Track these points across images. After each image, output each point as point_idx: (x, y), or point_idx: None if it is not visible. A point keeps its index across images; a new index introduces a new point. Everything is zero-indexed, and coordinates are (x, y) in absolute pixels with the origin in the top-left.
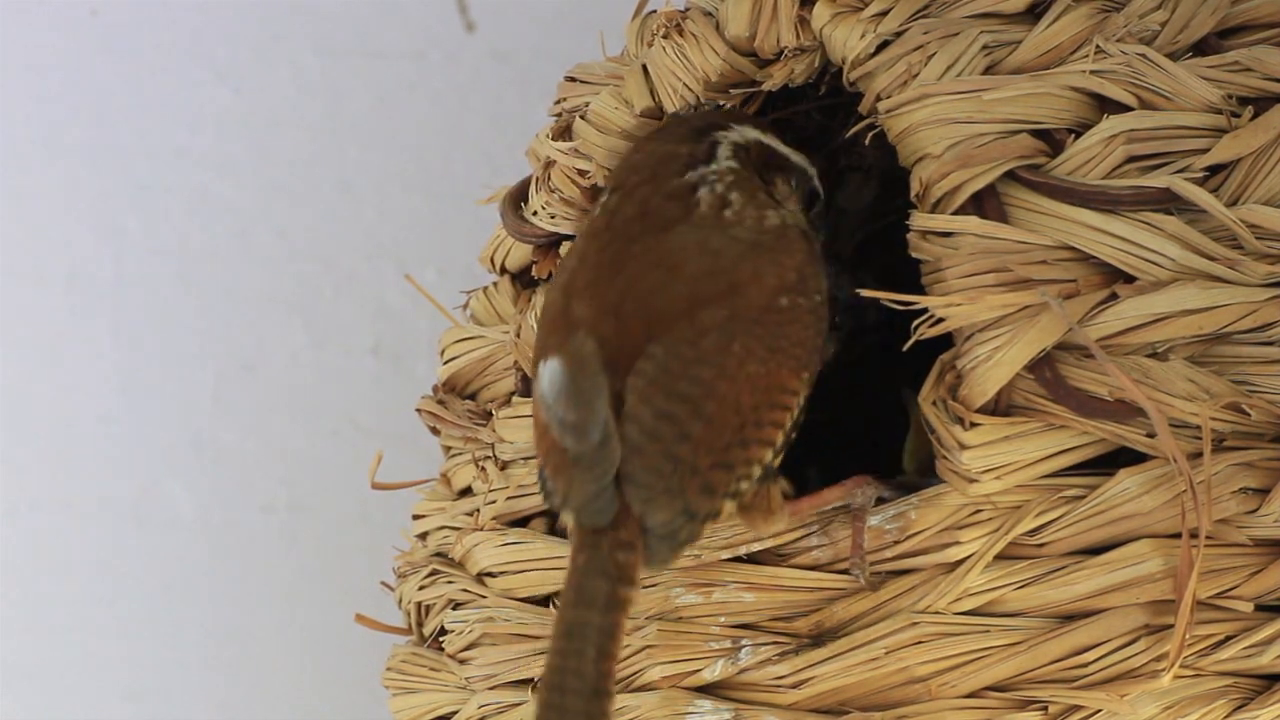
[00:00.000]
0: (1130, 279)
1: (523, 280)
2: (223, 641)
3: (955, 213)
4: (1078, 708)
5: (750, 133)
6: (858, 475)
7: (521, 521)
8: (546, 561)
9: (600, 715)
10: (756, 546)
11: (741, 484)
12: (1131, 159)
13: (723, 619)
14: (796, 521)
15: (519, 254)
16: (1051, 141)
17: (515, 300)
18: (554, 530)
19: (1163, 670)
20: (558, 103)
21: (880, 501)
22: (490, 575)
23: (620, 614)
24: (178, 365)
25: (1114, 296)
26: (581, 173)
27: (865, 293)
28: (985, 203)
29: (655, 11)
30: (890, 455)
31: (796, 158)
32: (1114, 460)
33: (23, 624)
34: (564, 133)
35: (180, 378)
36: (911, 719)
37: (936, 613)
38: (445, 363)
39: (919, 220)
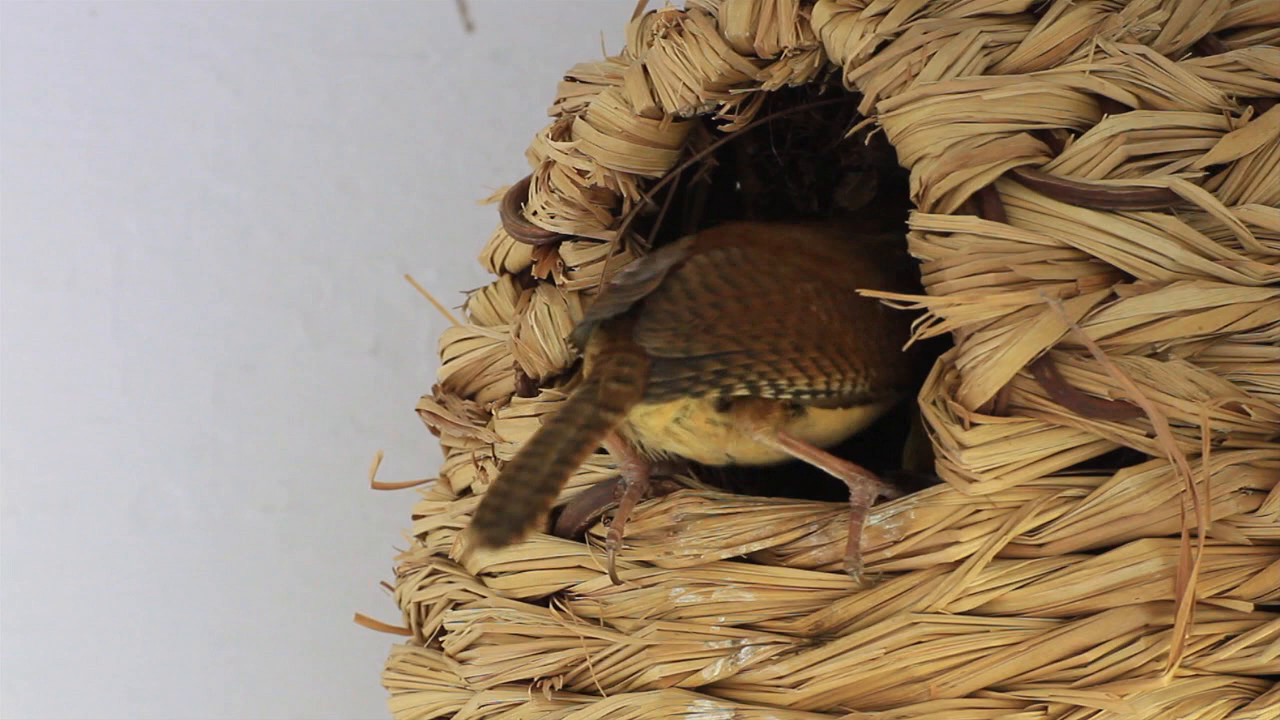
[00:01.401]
0: (1130, 279)
1: (523, 280)
2: (223, 641)
3: (955, 213)
4: (1077, 708)
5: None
6: (861, 468)
7: None
8: (546, 561)
9: (538, 505)
10: (756, 546)
11: (762, 381)
12: (1131, 159)
13: (723, 619)
14: (781, 448)
15: (519, 254)
16: (1051, 141)
17: (515, 300)
18: (554, 530)
19: (1162, 670)
20: (558, 103)
21: (880, 500)
22: (490, 575)
23: (595, 433)
24: (178, 365)
25: (1114, 296)
26: (581, 173)
27: (865, 293)
28: (985, 203)
29: (655, 11)
30: (890, 455)
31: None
32: (1114, 460)
33: (23, 624)
34: (564, 133)
35: (180, 378)
36: (911, 719)
37: (936, 613)
38: (445, 363)
39: (919, 220)
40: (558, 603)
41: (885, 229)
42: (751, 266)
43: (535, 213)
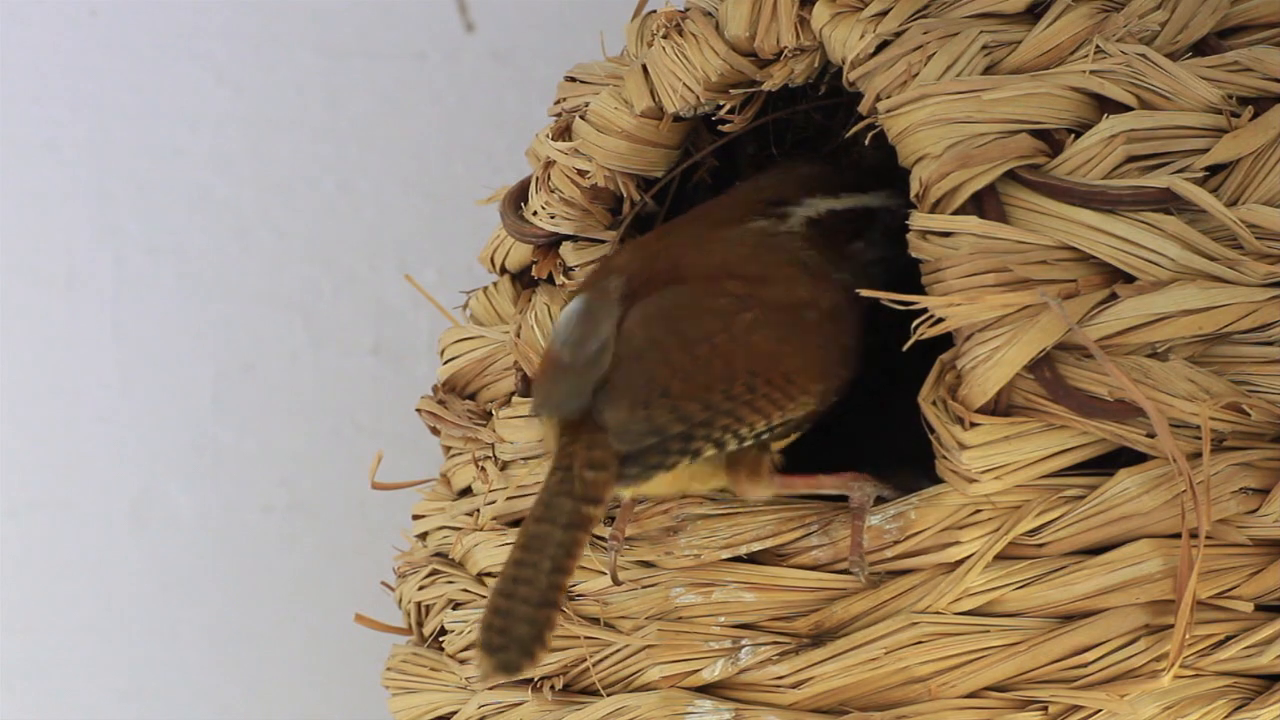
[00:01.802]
0: (1130, 279)
1: (523, 280)
2: (222, 641)
3: (955, 213)
4: (1077, 708)
5: (822, 204)
6: (852, 472)
7: (521, 521)
8: None
9: (544, 623)
10: (756, 546)
11: (725, 435)
12: (1131, 159)
13: (723, 619)
14: (785, 493)
15: (519, 254)
16: (1051, 141)
17: (515, 300)
18: None
19: (1163, 670)
20: (558, 103)
21: (880, 501)
22: (490, 575)
23: (581, 532)
24: (178, 365)
25: (1114, 296)
26: (581, 173)
27: (865, 293)
28: (985, 203)
29: (655, 11)
30: (889, 456)
31: (875, 199)
32: (1114, 460)
33: (23, 624)
34: (564, 133)
35: (180, 378)
36: (911, 719)
37: (936, 613)
38: (445, 363)
39: (919, 220)
40: (555, 629)
41: (777, 199)
42: (691, 307)
43: (535, 213)
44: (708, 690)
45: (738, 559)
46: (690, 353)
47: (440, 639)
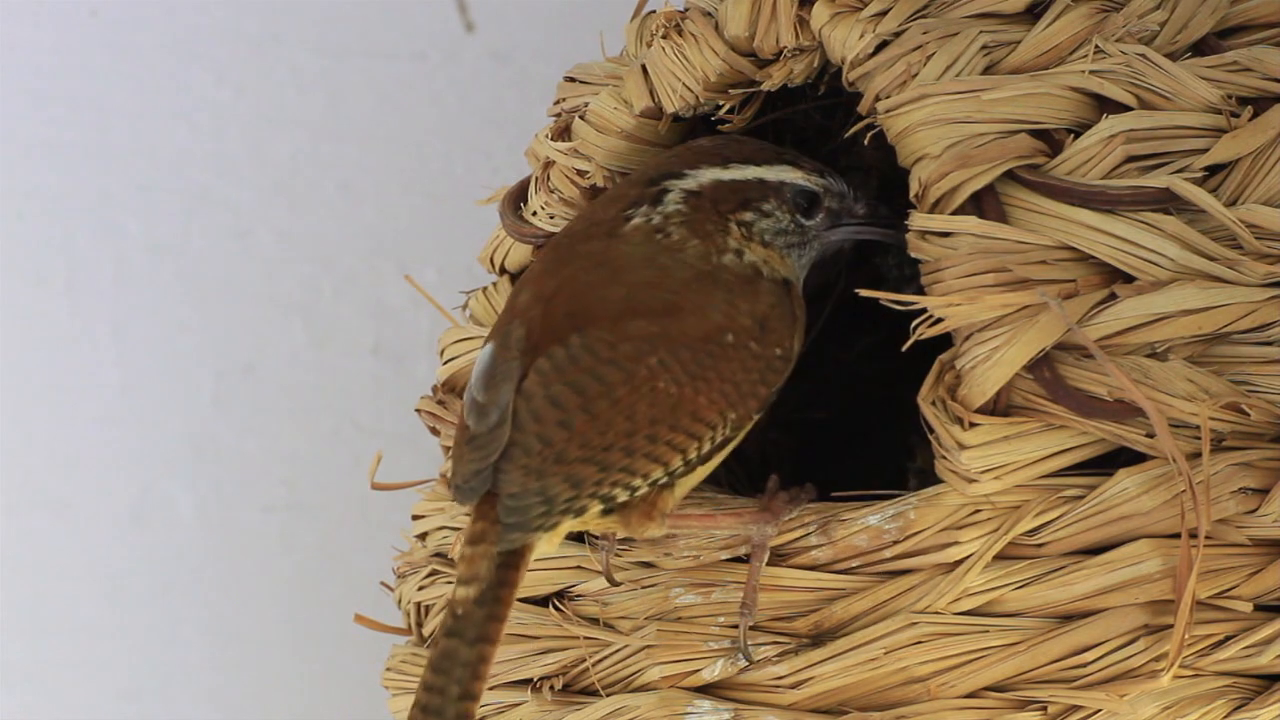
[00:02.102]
0: (1130, 279)
1: None
2: (222, 641)
3: (954, 213)
4: (1077, 708)
5: (707, 175)
6: (756, 508)
7: None
8: (546, 561)
9: None
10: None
11: (615, 490)
12: (1131, 159)
13: (723, 619)
14: (679, 531)
15: (519, 254)
16: (1051, 141)
17: None
18: None
19: (1162, 670)
20: (557, 103)
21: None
22: None
23: (487, 645)
24: (178, 365)
25: (1113, 296)
26: (581, 173)
27: (865, 293)
28: (984, 203)
29: (655, 12)
30: (889, 455)
31: (773, 172)
32: (1113, 460)
33: (23, 624)
34: (563, 133)
35: (180, 378)
36: (911, 719)
37: (936, 613)
38: (445, 363)
39: (918, 220)
40: (558, 603)
41: (657, 176)
42: (592, 358)
43: (535, 213)
44: (707, 690)
45: (737, 559)
46: (589, 411)
47: None
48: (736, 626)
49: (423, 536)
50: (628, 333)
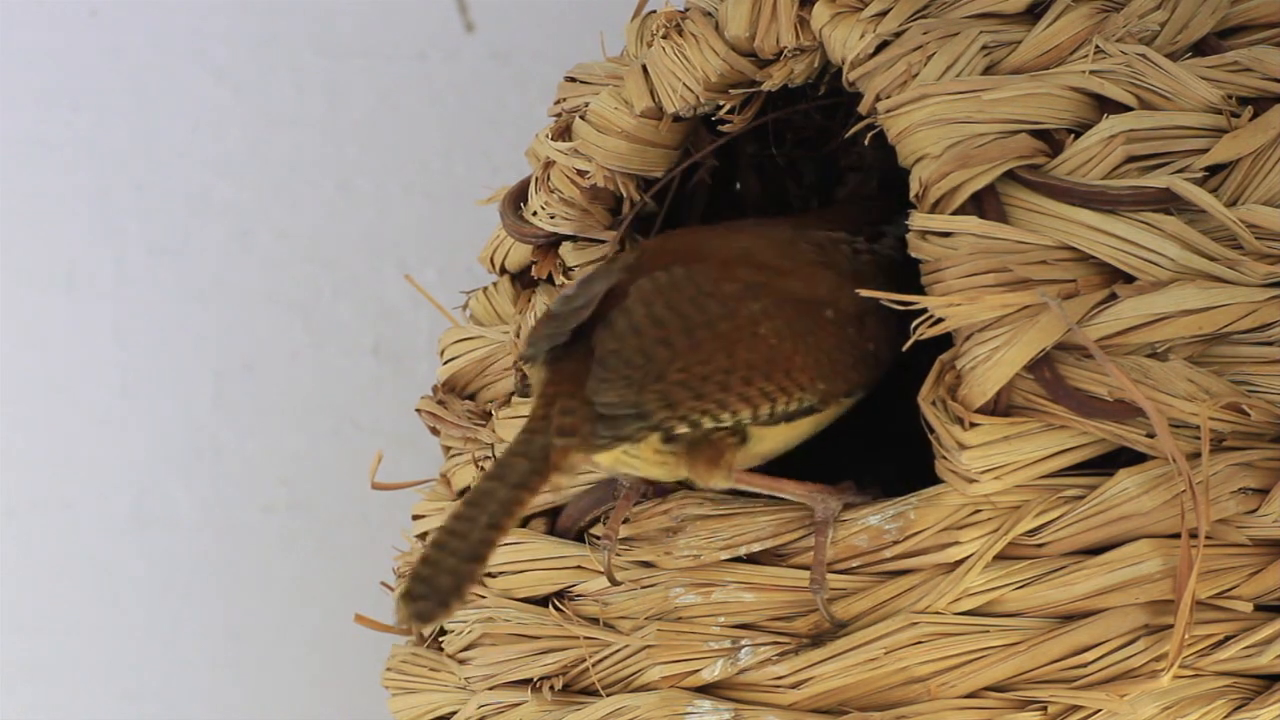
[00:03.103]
0: (1130, 279)
1: (523, 280)
2: (222, 641)
3: (955, 213)
4: (1077, 708)
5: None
6: (823, 485)
7: (521, 522)
8: (546, 561)
9: (466, 576)
10: (756, 547)
11: (704, 419)
12: (1131, 159)
13: (722, 619)
14: (742, 487)
15: (519, 254)
16: (1051, 141)
17: (515, 300)
18: (554, 530)
19: (1162, 670)
20: (558, 103)
21: (849, 508)
22: (490, 575)
23: (526, 492)
24: (178, 365)
25: (1114, 296)
26: (581, 173)
27: (865, 292)
28: (985, 203)
29: (655, 11)
30: (889, 456)
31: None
32: (1114, 460)
33: (23, 624)
34: (564, 133)
35: (180, 378)
36: (911, 719)
37: (936, 613)
38: (445, 363)
39: (918, 220)
40: (558, 603)
41: (840, 228)
42: (695, 289)
43: (535, 213)
44: (708, 690)
45: (737, 559)
46: (691, 337)
47: (440, 639)
48: (739, 626)
49: (423, 536)
50: (734, 274)
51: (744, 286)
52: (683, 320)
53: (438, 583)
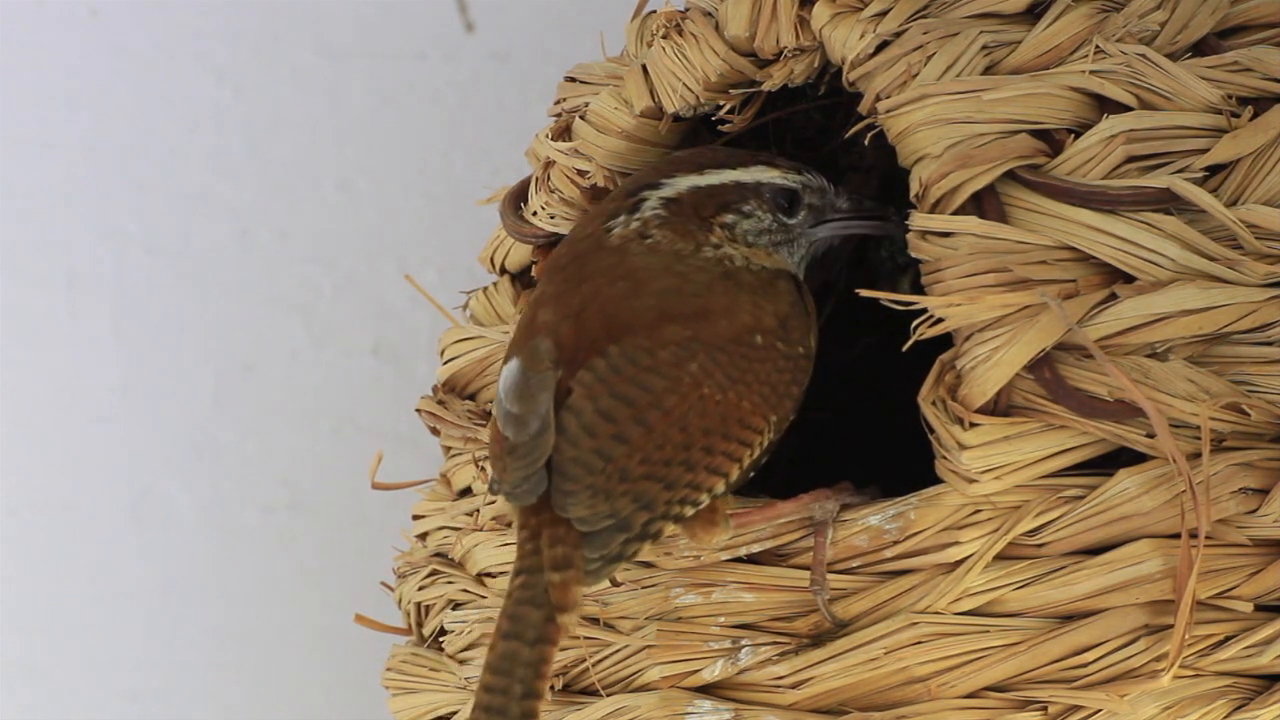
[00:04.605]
0: (1130, 279)
1: (523, 280)
2: (222, 641)
3: (955, 213)
4: (1077, 708)
5: (684, 182)
6: (819, 489)
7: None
8: None
9: None
10: (756, 547)
11: (684, 508)
12: (1131, 159)
13: (723, 619)
14: (745, 533)
15: (519, 254)
16: (1051, 141)
17: (515, 300)
18: None
19: (1162, 670)
20: (558, 103)
21: (846, 508)
22: (490, 575)
23: (549, 647)
24: (178, 365)
25: (1114, 296)
26: (581, 173)
27: (865, 293)
28: (985, 203)
29: (655, 12)
30: (892, 457)
31: (749, 174)
32: (1114, 460)
33: (23, 624)
34: (564, 133)
35: (180, 378)
36: (911, 719)
37: (936, 613)
38: (445, 363)
39: (919, 220)
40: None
41: (634, 189)
42: (634, 367)
43: (535, 213)
44: (708, 690)
45: (737, 559)
46: (642, 423)
47: (440, 639)
48: (739, 626)
49: (423, 536)
50: (664, 338)
51: (678, 348)
52: (630, 408)
53: None
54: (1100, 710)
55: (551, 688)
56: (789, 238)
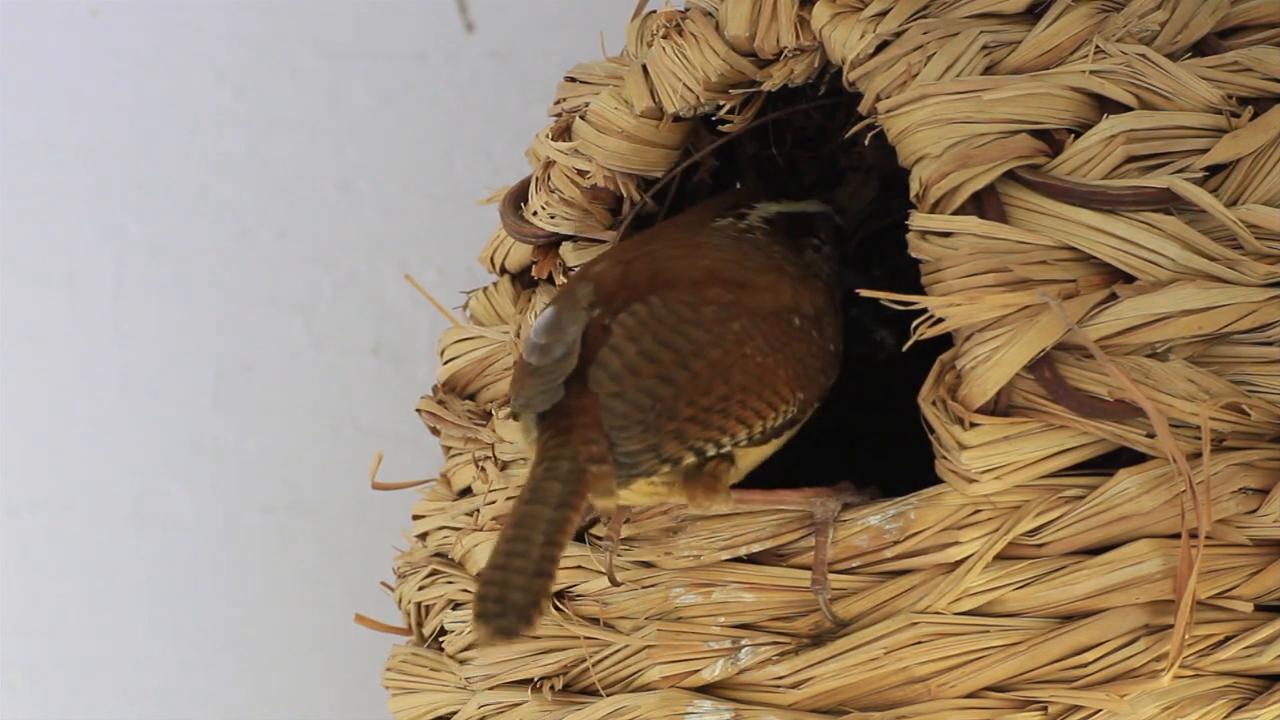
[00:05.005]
0: (1130, 279)
1: (523, 280)
2: (222, 641)
3: (955, 213)
4: (1077, 708)
5: (770, 207)
6: (820, 488)
7: None
8: None
9: (539, 590)
10: (756, 547)
11: (709, 446)
12: (1131, 159)
13: (723, 619)
14: (742, 509)
15: (519, 254)
16: (1051, 141)
17: (515, 300)
18: None
19: (1162, 670)
20: (558, 103)
21: (847, 507)
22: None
23: (572, 511)
24: (178, 365)
25: (1114, 296)
26: (581, 173)
27: (865, 293)
28: (985, 203)
29: (655, 11)
30: (894, 459)
31: (814, 206)
32: (1114, 460)
33: (23, 624)
34: (564, 133)
35: (180, 378)
36: (911, 719)
37: (936, 613)
38: (445, 363)
39: (919, 220)
40: (558, 603)
41: (733, 204)
42: (677, 318)
43: (535, 213)
44: (708, 690)
45: (737, 559)
46: (687, 368)
47: (440, 639)
48: (739, 626)
49: (423, 536)
50: (707, 297)
51: (720, 308)
52: (674, 354)
53: (512, 599)
54: (1100, 710)
55: (551, 687)
56: (829, 262)
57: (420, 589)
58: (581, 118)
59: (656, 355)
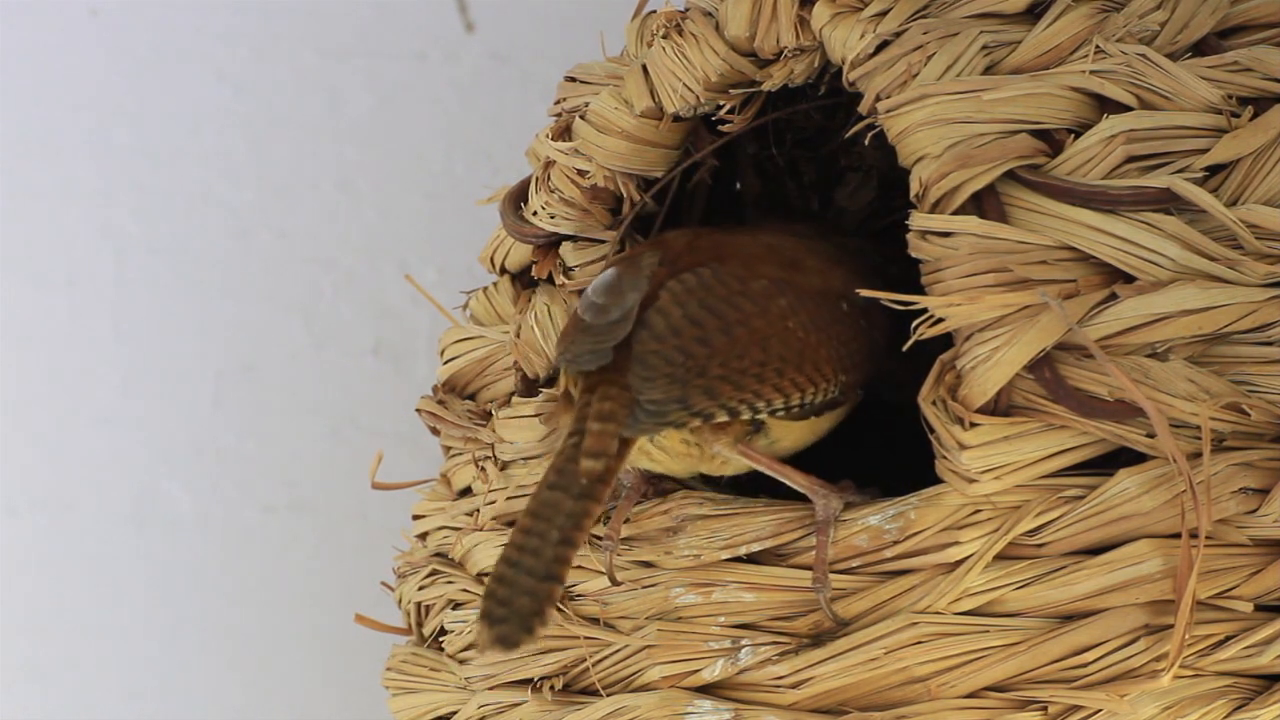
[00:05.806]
0: (1130, 279)
1: (523, 280)
2: (222, 642)
3: (955, 213)
4: (1077, 708)
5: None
6: (822, 481)
7: None
8: None
9: (546, 597)
10: (756, 546)
11: (743, 408)
12: (1131, 159)
13: (723, 619)
14: (742, 461)
15: (519, 254)
16: (1051, 141)
17: (515, 300)
18: None
19: (1162, 670)
20: (558, 103)
21: (849, 507)
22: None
23: (592, 503)
24: (178, 365)
25: (1114, 296)
26: (581, 173)
27: (865, 293)
28: (985, 203)
29: (655, 11)
30: (894, 461)
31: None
32: (1114, 460)
33: (23, 624)
34: (564, 133)
35: (180, 378)
36: (911, 719)
37: (936, 613)
38: (445, 363)
39: (918, 220)
40: (558, 603)
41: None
42: (726, 288)
43: (535, 213)
44: (708, 690)
45: (738, 559)
46: (727, 333)
47: (440, 639)
48: (739, 626)
49: (423, 536)
50: (758, 272)
51: (770, 283)
52: (719, 320)
53: (517, 604)
54: (1100, 710)
55: (551, 687)
56: None
57: (420, 589)
58: (581, 118)
59: (700, 320)
